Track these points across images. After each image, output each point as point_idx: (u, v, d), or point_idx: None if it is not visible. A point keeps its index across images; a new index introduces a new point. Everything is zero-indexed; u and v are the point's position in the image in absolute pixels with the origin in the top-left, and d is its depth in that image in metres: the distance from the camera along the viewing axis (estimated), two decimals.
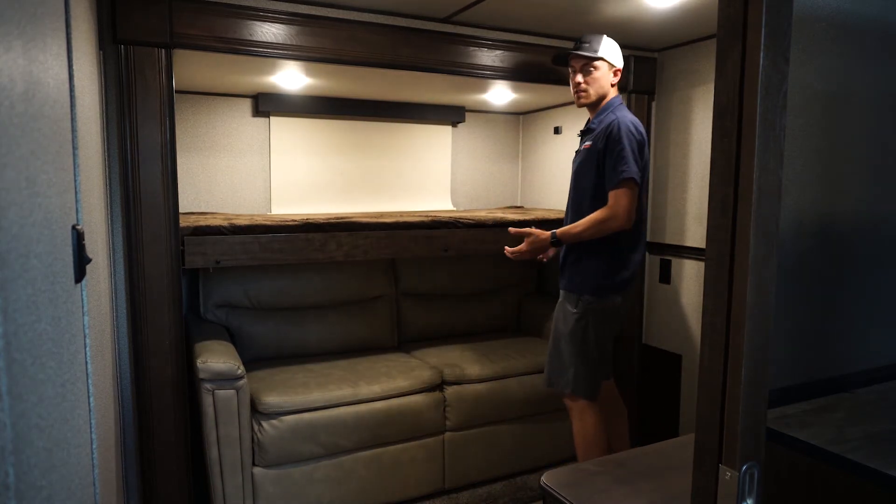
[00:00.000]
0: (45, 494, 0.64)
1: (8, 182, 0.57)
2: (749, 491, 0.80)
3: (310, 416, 2.38)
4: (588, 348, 2.29)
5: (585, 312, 2.29)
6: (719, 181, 0.82)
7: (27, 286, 0.62)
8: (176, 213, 2.15)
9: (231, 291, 2.81)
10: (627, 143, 2.17)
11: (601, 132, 2.26)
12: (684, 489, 0.95)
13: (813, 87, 1.07)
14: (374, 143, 3.35)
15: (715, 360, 0.83)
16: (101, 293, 1.50)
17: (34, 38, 0.72)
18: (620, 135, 2.18)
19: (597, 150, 2.26)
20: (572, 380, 2.31)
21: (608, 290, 2.28)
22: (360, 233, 2.54)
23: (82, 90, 1.24)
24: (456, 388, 2.69)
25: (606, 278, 2.28)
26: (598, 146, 2.25)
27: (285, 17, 2.23)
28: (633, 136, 2.20)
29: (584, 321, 2.29)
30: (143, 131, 2.06)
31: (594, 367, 2.31)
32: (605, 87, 2.32)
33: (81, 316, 1.05)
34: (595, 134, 2.29)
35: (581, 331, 2.29)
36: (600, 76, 2.30)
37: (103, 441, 1.28)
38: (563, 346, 2.33)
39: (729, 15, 0.80)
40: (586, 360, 2.30)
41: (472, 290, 3.42)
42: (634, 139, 2.20)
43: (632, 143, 2.18)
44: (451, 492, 2.72)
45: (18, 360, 0.57)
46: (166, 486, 2.20)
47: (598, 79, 2.31)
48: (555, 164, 3.57)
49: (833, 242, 1.15)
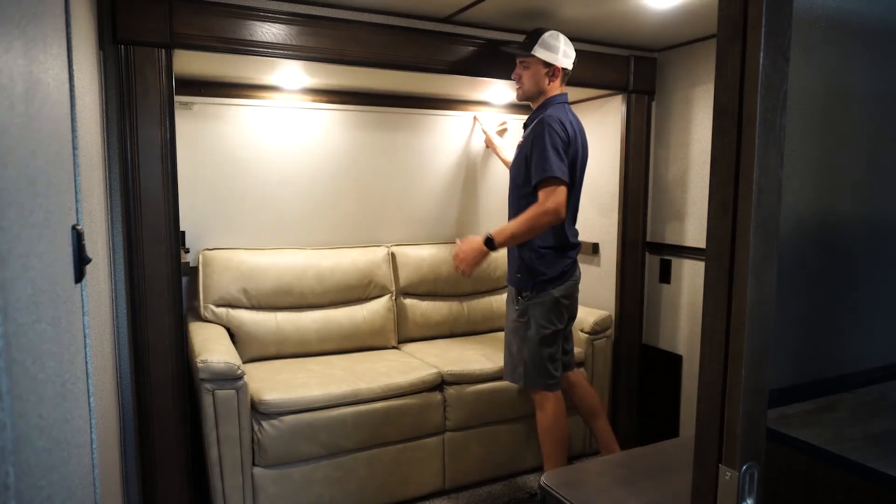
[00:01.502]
0: (45, 494, 0.64)
1: (8, 182, 0.57)
2: (749, 491, 0.80)
3: (310, 416, 2.38)
4: (533, 342, 2.37)
5: (526, 308, 2.38)
6: (719, 181, 0.82)
7: (27, 286, 0.62)
8: (176, 213, 2.15)
9: (231, 291, 2.81)
10: (549, 141, 2.23)
11: (532, 129, 2.33)
12: (684, 489, 0.95)
13: (813, 87, 1.07)
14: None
15: (715, 360, 0.83)
16: (101, 293, 1.50)
17: (34, 38, 0.72)
18: (544, 133, 2.24)
19: (527, 146, 2.33)
20: (524, 374, 2.41)
21: (545, 284, 2.36)
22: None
23: (82, 90, 1.24)
24: (456, 388, 2.70)
25: (543, 273, 2.35)
26: (528, 142, 2.33)
27: (285, 17, 2.23)
28: (558, 134, 2.25)
29: (525, 316, 2.39)
30: (143, 131, 2.06)
31: (542, 361, 2.38)
32: (539, 84, 2.37)
33: (81, 316, 1.06)
34: (528, 130, 2.38)
35: (524, 326, 2.39)
36: (533, 73, 2.36)
37: (103, 441, 1.28)
38: (512, 340, 2.45)
39: (729, 15, 0.80)
40: (533, 353, 2.38)
41: (472, 290, 3.42)
42: (559, 137, 2.24)
43: (554, 141, 2.23)
44: (451, 492, 2.72)
45: (18, 360, 0.57)
46: (166, 486, 2.20)
47: (532, 75, 2.37)
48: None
49: (833, 242, 1.15)
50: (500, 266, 3.47)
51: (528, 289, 2.38)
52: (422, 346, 3.12)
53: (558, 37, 2.33)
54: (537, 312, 2.37)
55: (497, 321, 3.45)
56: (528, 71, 2.37)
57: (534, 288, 2.37)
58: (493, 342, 3.16)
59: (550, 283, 2.37)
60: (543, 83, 2.37)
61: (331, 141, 3.20)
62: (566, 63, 2.37)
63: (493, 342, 3.16)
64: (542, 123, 2.27)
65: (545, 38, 2.32)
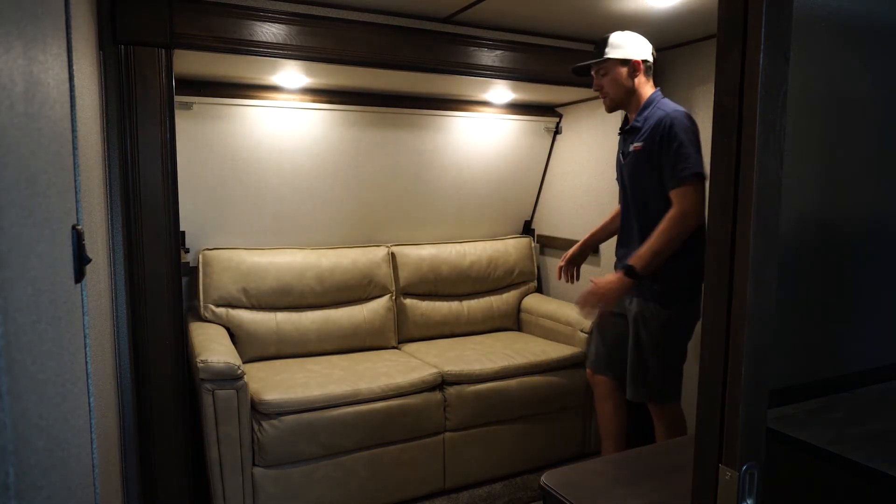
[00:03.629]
0: (45, 494, 0.64)
1: (8, 182, 0.57)
2: (749, 491, 0.80)
3: (310, 416, 2.38)
4: (675, 353, 2.23)
5: (673, 319, 2.17)
6: (719, 181, 0.82)
7: (27, 286, 0.62)
8: (176, 213, 2.15)
9: (231, 291, 2.81)
10: (685, 137, 2.09)
11: (651, 130, 2.16)
12: (684, 489, 0.95)
13: (813, 87, 1.07)
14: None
15: (715, 360, 0.83)
16: (101, 293, 1.50)
17: (34, 38, 0.72)
18: (675, 131, 2.09)
19: (651, 149, 2.16)
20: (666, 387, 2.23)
21: (693, 294, 2.19)
22: None
23: (82, 90, 1.24)
24: (456, 388, 2.69)
25: (691, 281, 2.18)
26: (652, 146, 2.16)
27: (285, 17, 2.23)
28: (689, 128, 2.12)
29: (673, 327, 2.19)
30: (143, 131, 2.06)
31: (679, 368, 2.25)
32: (626, 85, 2.23)
33: (81, 316, 1.05)
34: (643, 133, 2.19)
35: (671, 337, 2.20)
36: (613, 77, 2.24)
37: (103, 441, 1.28)
38: (651, 356, 2.22)
39: (729, 15, 0.80)
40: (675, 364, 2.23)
41: (472, 290, 3.42)
42: (690, 131, 2.12)
43: (689, 136, 2.10)
44: (451, 492, 2.72)
45: (18, 360, 0.57)
46: (166, 486, 2.20)
47: (613, 80, 2.24)
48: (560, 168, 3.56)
49: (833, 242, 1.15)
50: (500, 266, 3.48)
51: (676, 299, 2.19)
52: (422, 346, 3.12)
53: (626, 33, 2.23)
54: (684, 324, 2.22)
55: (497, 321, 3.45)
56: (608, 77, 2.24)
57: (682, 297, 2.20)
58: (492, 342, 3.16)
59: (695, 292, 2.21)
60: (628, 83, 2.23)
61: (331, 141, 3.20)
62: (643, 54, 2.23)
63: (493, 342, 3.16)
64: (669, 122, 2.10)
65: (612, 39, 2.22)
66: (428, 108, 3.40)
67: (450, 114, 3.48)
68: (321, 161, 3.19)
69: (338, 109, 3.21)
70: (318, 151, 3.18)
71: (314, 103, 3.14)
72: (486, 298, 3.45)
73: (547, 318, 3.28)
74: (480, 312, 3.40)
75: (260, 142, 3.04)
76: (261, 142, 3.05)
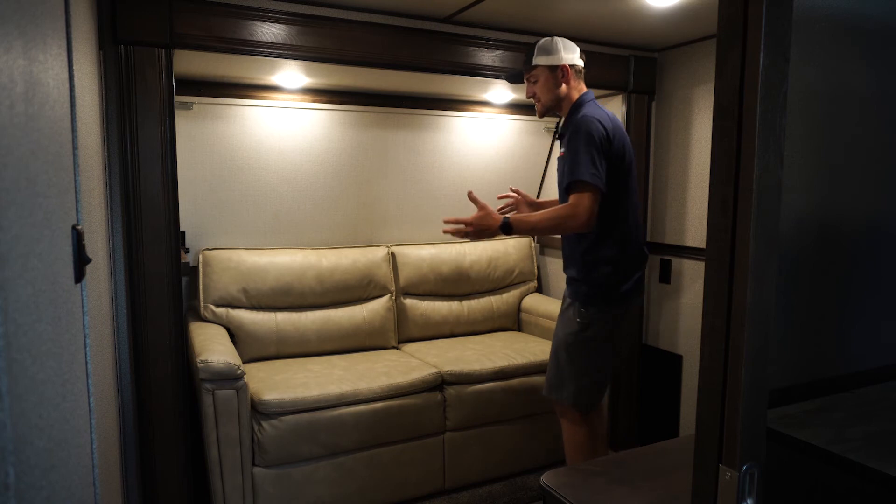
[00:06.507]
0: (45, 494, 0.64)
1: (8, 182, 0.57)
2: (749, 491, 0.80)
3: (310, 416, 2.38)
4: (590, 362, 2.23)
5: (589, 324, 2.20)
6: (719, 181, 0.82)
7: (27, 286, 0.62)
8: (176, 213, 2.15)
9: (231, 291, 2.81)
10: (581, 144, 2.09)
11: (569, 136, 2.19)
12: (684, 489, 0.95)
13: (813, 87, 1.07)
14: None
15: (715, 360, 0.83)
16: (101, 293, 1.50)
17: (34, 38, 0.72)
18: (578, 137, 2.11)
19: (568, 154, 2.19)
20: (574, 393, 2.23)
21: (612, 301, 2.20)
22: None
23: (82, 90, 1.24)
24: (456, 388, 2.69)
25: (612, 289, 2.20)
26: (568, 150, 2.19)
27: (285, 17, 2.23)
28: (592, 134, 2.10)
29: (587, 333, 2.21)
30: (143, 131, 2.06)
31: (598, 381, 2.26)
32: (555, 91, 2.24)
33: (81, 316, 1.06)
34: (565, 139, 2.23)
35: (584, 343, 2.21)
36: (543, 83, 2.25)
37: (103, 441, 1.28)
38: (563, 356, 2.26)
39: (729, 15, 0.80)
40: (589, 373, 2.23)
41: (472, 290, 3.42)
42: (594, 137, 2.09)
43: (590, 144, 2.09)
44: (451, 492, 2.72)
45: (18, 360, 0.57)
46: (166, 486, 2.20)
47: (543, 86, 2.25)
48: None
49: (833, 242, 1.15)
50: (500, 266, 3.48)
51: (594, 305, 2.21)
52: (422, 346, 3.12)
53: (553, 40, 2.24)
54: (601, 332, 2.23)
55: (497, 321, 3.45)
56: (538, 83, 2.26)
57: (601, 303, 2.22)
58: (492, 342, 3.16)
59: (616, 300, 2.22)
60: (558, 89, 2.25)
61: (331, 141, 3.20)
62: (571, 59, 2.25)
63: (493, 342, 3.16)
64: (575, 127, 2.13)
65: (540, 45, 2.24)
66: (428, 108, 3.41)
67: (450, 114, 3.48)
68: (321, 161, 3.19)
69: (338, 109, 3.21)
70: (317, 151, 3.18)
71: (314, 103, 3.14)
72: (486, 298, 3.45)
73: (547, 318, 3.28)
74: (480, 312, 3.40)
75: (260, 142, 3.05)
76: (261, 142, 3.05)
